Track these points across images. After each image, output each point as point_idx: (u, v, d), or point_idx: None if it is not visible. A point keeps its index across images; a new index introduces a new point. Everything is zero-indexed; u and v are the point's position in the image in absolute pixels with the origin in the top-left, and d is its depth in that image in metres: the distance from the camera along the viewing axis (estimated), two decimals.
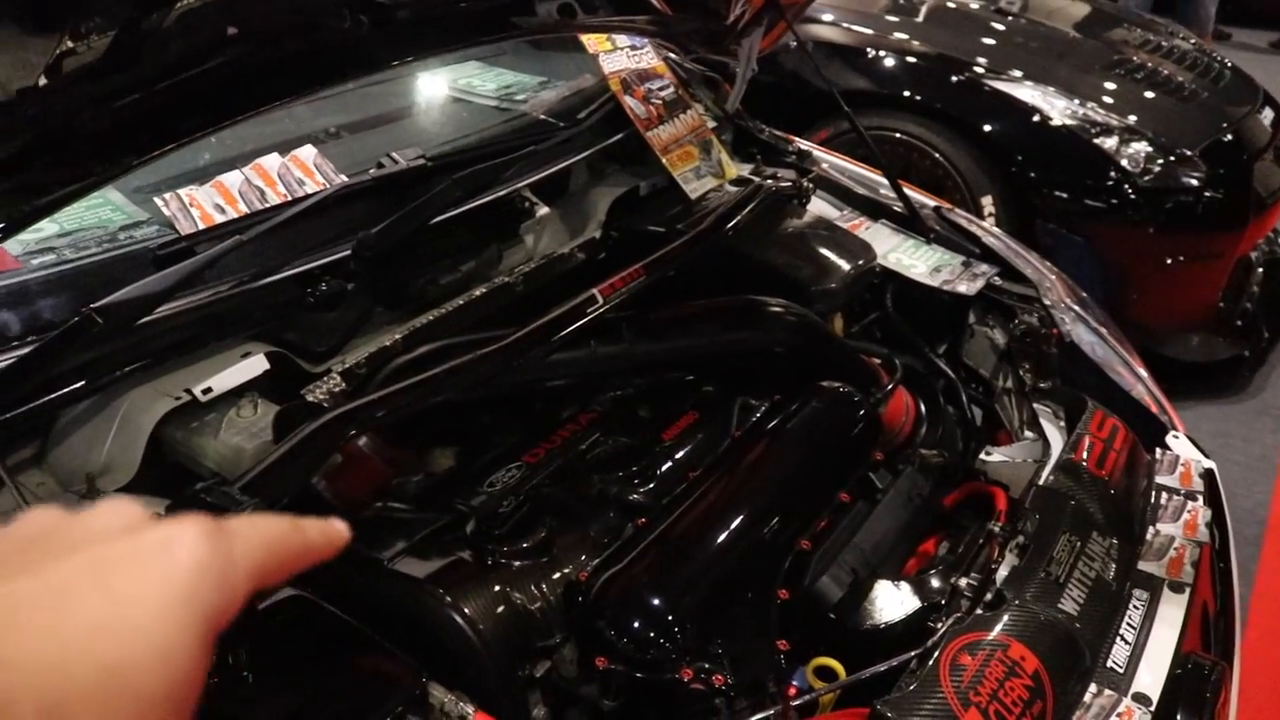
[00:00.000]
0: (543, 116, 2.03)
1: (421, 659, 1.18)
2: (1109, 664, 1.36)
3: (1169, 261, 3.51)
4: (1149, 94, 3.77)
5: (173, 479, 1.32)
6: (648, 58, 2.12)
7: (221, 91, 1.36)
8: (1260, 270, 4.14)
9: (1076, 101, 3.55)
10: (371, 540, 1.30)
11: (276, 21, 1.24)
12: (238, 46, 1.27)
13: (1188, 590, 1.50)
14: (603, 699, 1.26)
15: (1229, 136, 3.68)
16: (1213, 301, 3.73)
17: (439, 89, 2.19)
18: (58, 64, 1.16)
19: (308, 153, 1.64)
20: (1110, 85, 3.74)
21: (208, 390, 1.34)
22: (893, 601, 1.42)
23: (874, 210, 2.24)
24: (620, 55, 2.07)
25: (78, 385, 1.27)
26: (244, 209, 1.53)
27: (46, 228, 1.47)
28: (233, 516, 0.45)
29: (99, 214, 1.53)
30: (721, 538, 1.34)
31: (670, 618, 1.22)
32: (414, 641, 1.20)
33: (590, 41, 2.04)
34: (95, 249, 1.45)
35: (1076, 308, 2.08)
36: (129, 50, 1.16)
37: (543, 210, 1.80)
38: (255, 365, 1.39)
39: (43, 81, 1.14)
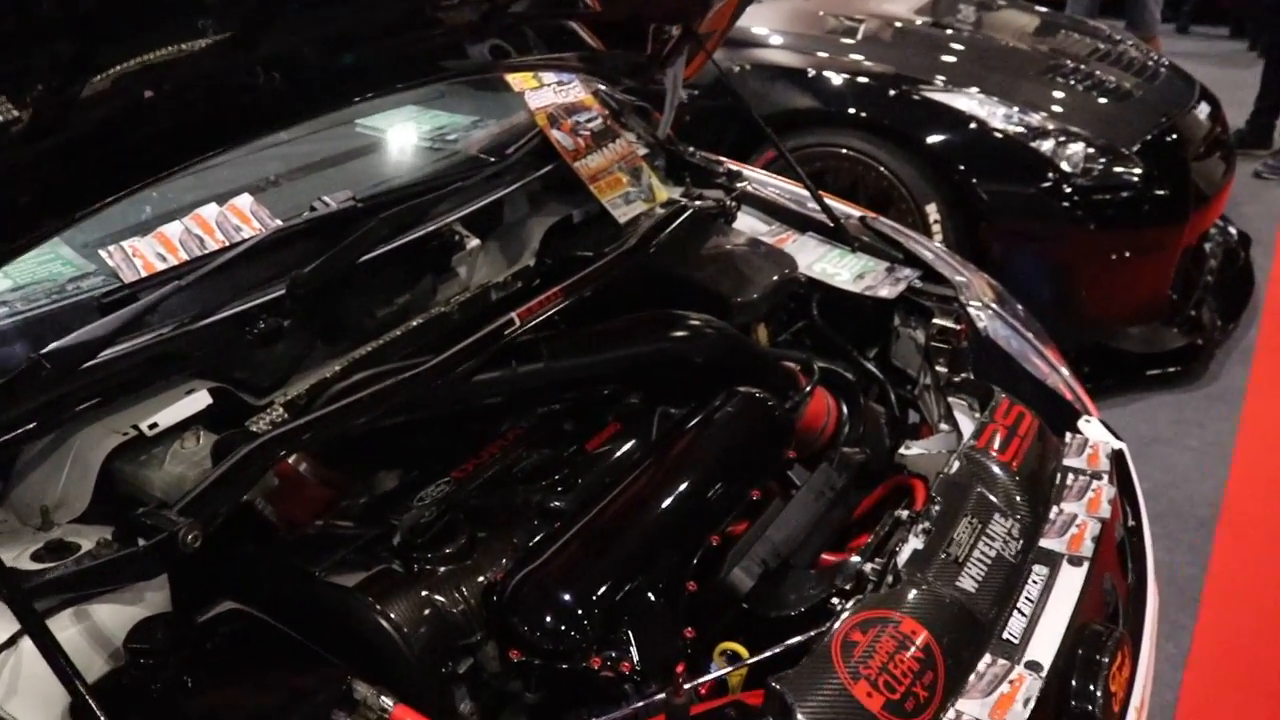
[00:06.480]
0: (474, 154, 2.14)
1: (353, 661, 1.28)
2: (1004, 635, 1.43)
3: (1113, 258, 3.62)
4: (1086, 96, 3.89)
5: (123, 509, 1.41)
6: (574, 92, 2.24)
7: (153, 150, 1.47)
8: (1213, 261, 4.25)
9: (1014, 107, 3.66)
10: (308, 555, 1.40)
11: (190, 85, 1.34)
12: (158, 109, 1.38)
13: (1086, 563, 1.58)
14: (525, 692, 1.36)
15: (1166, 133, 3.79)
16: (1163, 294, 3.83)
17: (375, 133, 2.30)
18: None
19: (244, 201, 1.74)
20: (1047, 90, 3.86)
21: (154, 425, 1.43)
22: (801, 589, 1.51)
23: (801, 223, 2.35)
24: (547, 91, 2.18)
25: (30, 426, 1.37)
26: (184, 256, 1.64)
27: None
28: None
29: (49, 268, 1.62)
30: (629, 536, 1.45)
31: (578, 611, 1.32)
32: (346, 645, 1.30)
33: (516, 80, 2.16)
34: (45, 300, 1.55)
35: (994, 305, 2.18)
36: (56, 115, 1.26)
37: (473, 242, 1.90)
38: (198, 401, 1.48)
39: None
